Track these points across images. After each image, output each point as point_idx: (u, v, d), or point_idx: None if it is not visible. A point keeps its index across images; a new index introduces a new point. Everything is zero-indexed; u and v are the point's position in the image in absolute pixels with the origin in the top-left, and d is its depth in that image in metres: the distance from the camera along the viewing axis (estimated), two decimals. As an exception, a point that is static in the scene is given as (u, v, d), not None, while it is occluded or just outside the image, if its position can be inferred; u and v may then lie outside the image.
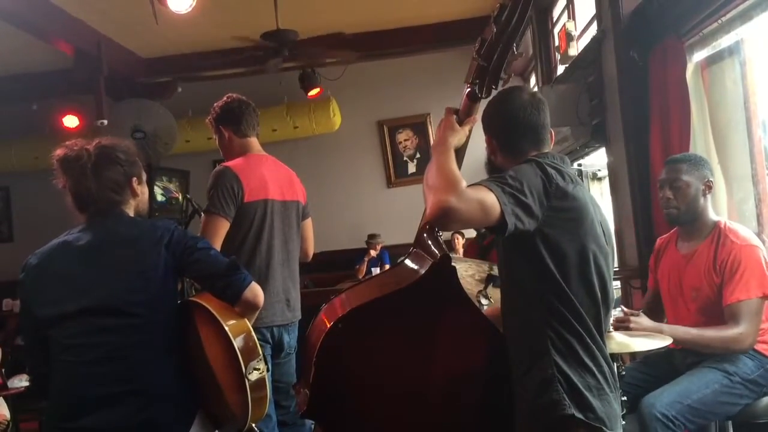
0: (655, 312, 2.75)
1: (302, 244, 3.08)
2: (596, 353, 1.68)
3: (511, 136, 1.79)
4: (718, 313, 2.53)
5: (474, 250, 3.55)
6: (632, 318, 2.50)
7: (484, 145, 1.86)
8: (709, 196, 2.64)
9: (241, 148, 2.96)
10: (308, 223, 3.12)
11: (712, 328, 2.51)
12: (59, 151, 2.04)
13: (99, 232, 2.02)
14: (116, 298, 1.93)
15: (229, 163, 2.87)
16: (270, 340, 2.81)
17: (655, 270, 2.87)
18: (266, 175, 2.91)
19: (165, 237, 2.00)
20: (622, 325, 2.50)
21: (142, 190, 2.14)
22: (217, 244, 2.65)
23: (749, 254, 2.49)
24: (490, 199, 1.52)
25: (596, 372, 1.67)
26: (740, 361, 2.50)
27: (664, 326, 2.54)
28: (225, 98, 3.02)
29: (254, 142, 3.01)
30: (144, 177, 2.15)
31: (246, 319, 1.99)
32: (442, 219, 1.52)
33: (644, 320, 2.52)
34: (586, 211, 1.70)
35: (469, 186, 1.54)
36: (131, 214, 2.09)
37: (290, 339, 2.91)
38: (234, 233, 2.79)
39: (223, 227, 2.75)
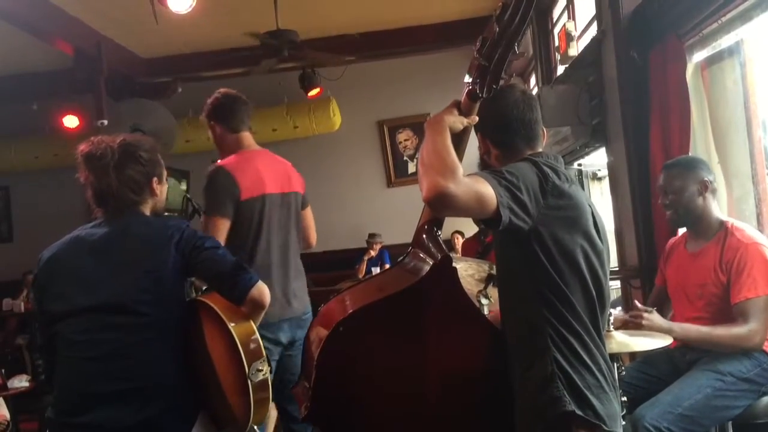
0: (660, 309, 2.75)
1: (304, 232, 3.08)
2: (595, 352, 1.68)
3: (506, 132, 1.80)
4: (724, 310, 2.53)
5: (474, 248, 3.53)
6: (645, 315, 2.51)
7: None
8: (708, 195, 2.64)
9: (233, 144, 2.95)
10: (308, 211, 3.12)
11: (723, 326, 2.50)
12: (84, 147, 2.05)
13: (112, 229, 2.02)
14: (124, 295, 1.93)
15: (222, 162, 2.85)
16: (272, 336, 2.76)
17: (665, 269, 2.88)
18: (261, 169, 2.88)
19: (175, 236, 2.01)
20: (634, 322, 2.50)
21: (162, 190, 2.14)
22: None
23: (755, 252, 2.49)
24: (487, 190, 1.52)
25: (595, 371, 1.67)
26: (735, 360, 2.49)
27: (675, 325, 2.53)
28: (216, 94, 3.00)
29: (246, 136, 2.98)
30: (164, 176, 2.15)
31: (251, 321, 1.99)
32: (437, 203, 1.50)
33: (656, 318, 2.53)
34: (582, 210, 1.70)
35: (466, 176, 1.53)
36: (147, 212, 2.10)
37: (293, 332, 2.86)
38: (232, 234, 2.75)
39: (224, 226, 2.72)
